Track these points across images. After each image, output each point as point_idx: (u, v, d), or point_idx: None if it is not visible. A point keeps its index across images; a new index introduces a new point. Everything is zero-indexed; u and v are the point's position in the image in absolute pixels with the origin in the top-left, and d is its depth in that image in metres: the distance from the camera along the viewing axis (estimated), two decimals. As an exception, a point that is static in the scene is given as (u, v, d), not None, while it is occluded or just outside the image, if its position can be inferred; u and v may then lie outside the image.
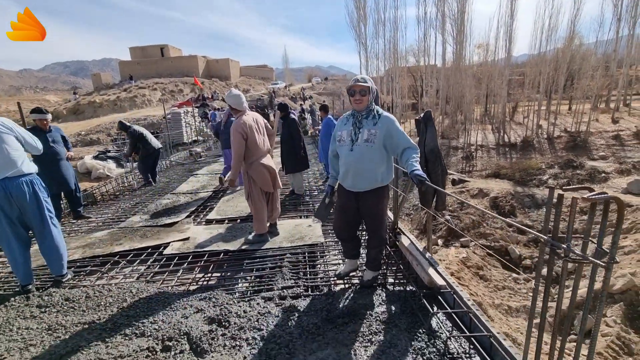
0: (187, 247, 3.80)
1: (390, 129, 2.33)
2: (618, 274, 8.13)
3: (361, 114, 2.42)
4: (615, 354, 6.58)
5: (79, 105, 28.65)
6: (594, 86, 23.26)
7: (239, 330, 2.24)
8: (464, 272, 9.62)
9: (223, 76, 45.37)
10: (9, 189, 2.63)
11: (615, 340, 6.73)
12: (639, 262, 8.62)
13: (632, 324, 7.23)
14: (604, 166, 16.41)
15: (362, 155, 2.35)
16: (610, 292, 7.79)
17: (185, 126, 15.25)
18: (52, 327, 2.35)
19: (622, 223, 1.03)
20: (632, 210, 10.86)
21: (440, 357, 1.87)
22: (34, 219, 2.80)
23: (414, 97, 34.71)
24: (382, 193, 2.48)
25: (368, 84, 2.34)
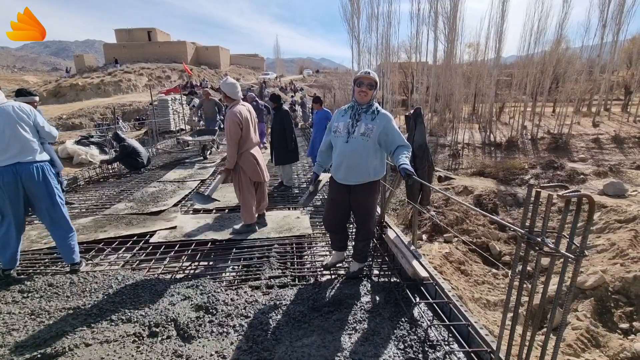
0: (173, 235, 3.79)
1: (387, 127, 2.38)
2: (590, 271, 8.52)
3: (361, 108, 2.45)
4: (584, 346, 6.93)
5: (60, 88, 27.63)
6: (578, 90, 23.96)
7: (226, 317, 2.28)
8: (446, 266, 9.88)
9: (212, 64, 44.44)
10: (20, 173, 2.62)
11: (584, 334, 7.08)
12: (610, 260, 9.04)
13: (601, 318, 7.61)
14: (583, 168, 17.02)
15: (356, 148, 2.40)
16: (582, 288, 8.16)
17: (173, 114, 14.94)
18: (36, 312, 2.32)
19: (592, 219, 1.11)
20: (607, 211, 11.34)
21: (420, 344, 1.96)
22: (44, 205, 2.76)
23: (404, 94, 34.95)
24: (374, 187, 2.54)
25: (376, 79, 2.38)
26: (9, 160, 2.59)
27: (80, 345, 2.00)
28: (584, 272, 8.77)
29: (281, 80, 44.24)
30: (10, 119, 2.62)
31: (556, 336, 1.66)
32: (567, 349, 6.78)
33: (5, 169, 2.58)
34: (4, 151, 2.58)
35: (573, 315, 7.60)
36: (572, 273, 1.16)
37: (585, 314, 7.62)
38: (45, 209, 2.78)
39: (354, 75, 2.47)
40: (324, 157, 2.75)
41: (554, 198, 1.12)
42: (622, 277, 8.01)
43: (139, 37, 42.72)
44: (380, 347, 1.95)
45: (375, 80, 2.37)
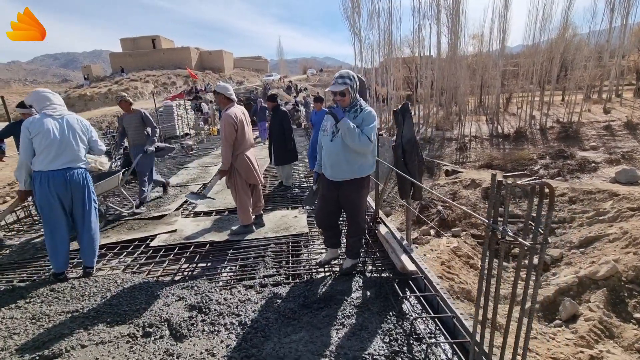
0: (173, 238, 3.86)
1: (365, 120, 2.41)
2: (602, 261, 8.34)
3: (344, 108, 2.50)
4: (597, 338, 6.79)
5: (69, 99, 28.28)
6: (587, 77, 23.37)
7: (218, 316, 2.32)
8: (455, 261, 9.79)
9: (216, 68, 44.87)
10: (68, 177, 2.83)
11: (597, 325, 6.93)
12: (623, 250, 8.82)
13: (615, 308, 7.44)
14: (594, 156, 16.63)
15: (341, 146, 2.44)
16: (594, 279, 7.99)
17: (177, 119, 15.16)
18: (36, 316, 2.41)
19: (554, 206, 1.11)
20: (619, 199, 11.06)
21: (406, 337, 1.96)
22: (81, 207, 2.97)
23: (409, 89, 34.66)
24: (361, 184, 2.56)
25: (343, 87, 2.38)
26: (62, 165, 2.81)
27: (76, 347, 2.07)
28: (595, 262, 8.59)
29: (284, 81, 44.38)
30: (73, 129, 2.90)
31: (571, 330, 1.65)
32: (580, 340, 6.66)
33: (58, 172, 2.79)
34: (59, 156, 2.80)
35: (585, 307, 7.45)
36: (538, 261, 1.16)
37: (598, 304, 7.46)
38: (81, 212, 2.98)
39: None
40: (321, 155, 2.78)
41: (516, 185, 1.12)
42: (636, 266, 7.81)
43: (143, 45, 43.43)
44: (366, 341, 1.96)
45: (343, 88, 2.37)
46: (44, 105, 2.80)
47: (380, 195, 3.36)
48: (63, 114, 2.89)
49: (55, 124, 2.80)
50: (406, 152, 2.94)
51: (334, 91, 2.40)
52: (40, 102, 2.80)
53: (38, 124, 2.72)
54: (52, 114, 2.81)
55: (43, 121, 2.74)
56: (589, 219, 10.82)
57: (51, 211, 2.82)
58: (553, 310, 7.68)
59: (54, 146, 2.76)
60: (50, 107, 2.82)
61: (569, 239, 10.19)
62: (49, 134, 2.74)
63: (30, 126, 2.70)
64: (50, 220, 2.85)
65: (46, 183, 2.76)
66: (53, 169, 2.78)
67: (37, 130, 2.70)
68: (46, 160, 2.75)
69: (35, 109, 2.84)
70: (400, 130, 2.98)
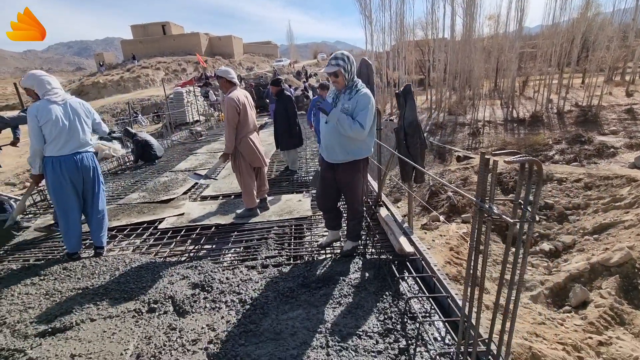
0: (180, 221, 3.96)
1: (358, 103, 2.37)
2: (616, 247, 8.15)
3: (340, 90, 2.47)
4: (607, 324, 6.72)
5: (83, 86, 28.76)
6: (609, 58, 22.27)
7: (219, 294, 2.40)
8: (464, 247, 9.73)
9: (226, 54, 44.63)
10: (78, 161, 2.94)
11: (607, 311, 6.85)
12: (638, 237, 8.59)
13: (627, 295, 7.32)
14: (614, 141, 16.03)
15: (334, 128, 2.41)
16: (607, 265, 7.84)
17: (187, 105, 15.26)
18: (50, 292, 2.54)
19: (542, 183, 1.09)
20: (637, 185, 10.70)
21: (400, 315, 2.00)
22: (91, 189, 3.09)
23: (422, 73, 33.80)
24: (357, 166, 2.54)
25: (335, 68, 2.34)
26: (71, 151, 2.90)
27: (86, 321, 2.18)
28: (609, 249, 8.41)
29: (295, 66, 43.86)
30: (78, 114, 2.96)
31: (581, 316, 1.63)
32: (589, 326, 6.61)
33: (68, 157, 2.89)
34: (68, 143, 2.88)
35: (597, 293, 7.35)
36: (526, 239, 1.15)
37: (609, 291, 7.35)
38: (91, 194, 3.10)
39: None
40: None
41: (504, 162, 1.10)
42: (651, 253, 7.62)
43: (154, 31, 43.46)
44: (361, 319, 2.00)
45: (335, 70, 2.33)
46: (45, 91, 2.82)
47: (383, 178, 3.35)
48: (65, 99, 2.93)
49: (60, 110, 2.84)
50: (408, 135, 2.90)
51: (327, 72, 2.37)
52: (42, 87, 2.83)
53: (45, 111, 2.76)
54: (55, 100, 2.84)
55: (49, 108, 2.78)
56: (604, 205, 10.54)
57: (63, 194, 2.93)
58: (563, 296, 7.61)
59: (63, 134, 2.84)
60: (52, 92, 2.85)
61: (583, 226, 9.97)
62: (58, 122, 2.80)
63: (38, 114, 2.74)
64: (63, 203, 2.96)
65: (58, 167, 2.86)
66: (63, 154, 2.87)
67: (45, 119, 2.75)
68: (57, 147, 2.84)
69: (37, 93, 2.86)
70: (403, 112, 2.94)
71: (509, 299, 1.28)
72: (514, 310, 1.26)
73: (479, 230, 1.21)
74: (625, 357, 5.83)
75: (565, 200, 11.19)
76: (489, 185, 1.20)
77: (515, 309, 1.26)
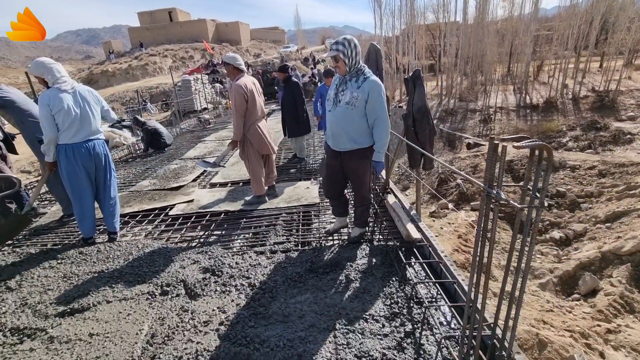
0: (190, 208, 4.03)
1: (371, 94, 2.32)
2: (629, 236, 8.02)
3: (347, 76, 2.40)
4: (616, 312, 6.68)
5: (93, 75, 28.97)
6: (630, 40, 21.33)
7: (229, 278, 2.46)
8: (472, 234, 9.70)
9: (233, 40, 44.25)
10: (90, 148, 3.00)
11: (617, 299, 6.80)
12: (652, 225, 8.42)
13: (638, 284, 7.24)
14: (631, 127, 15.54)
15: (341, 116, 2.39)
16: (618, 253, 7.74)
17: (195, 93, 15.27)
18: (67, 275, 2.64)
19: (551, 168, 1.08)
20: (654, 173, 10.43)
21: (407, 300, 2.02)
22: (103, 176, 3.16)
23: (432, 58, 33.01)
24: (364, 154, 2.51)
25: (335, 53, 2.30)
26: (83, 138, 2.96)
27: (102, 302, 2.27)
28: (621, 237, 8.28)
29: (302, 52, 43.26)
30: (87, 102, 3.00)
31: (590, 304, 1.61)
32: (598, 314, 6.58)
33: (80, 144, 2.95)
34: (79, 131, 2.93)
35: (607, 282, 7.29)
36: (533, 224, 1.15)
37: (620, 279, 7.28)
38: (103, 180, 3.17)
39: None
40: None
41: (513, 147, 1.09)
42: (665, 242, 7.48)
43: (160, 18, 43.22)
44: (368, 303, 2.04)
45: (335, 54, 2.29)
46: (55, 79, 2.85)
47: (391, 165, 3.34)
48: (74, 87, 2.96)
49: (70, 99, 2.88)
50: (416, 121, 2.87)
51: (329, 57, 2.35)
52: (52, 75, 2.85)
53: (57, 100, 2.79)
54: (65, 89, 2.87)
55: (60, 97, 2.81)
56: (618, 193, 10.32)
57: (77, 181, 3.00)
58: (572, 284, 7.57)
59: (75, 122, 2.89)
60: (62, 80, 2.88)
61: (595, 214, 9.81)
62: (70, 111, 2.84)
63: (50, 102, 2.77)
64: (77, 190, 3.03)
65: (71, 155, 2.92)
66: (76, 142, 2.93)
67: (57, 107, 2.79)
68: (69, 135, 2.89)
69: (47, 81, 2.88)
70: (411, 98, 2.89)
71: (515, 284, 1.29)
72: (520, 296, 1.26)
73: (486, 217, 1.20)
74: (634, 344, 5.81)
75: (577, 188, 10.98)
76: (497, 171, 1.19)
77: (521, 295, 1.26)
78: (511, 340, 1.36)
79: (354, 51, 2.30)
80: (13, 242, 3.39)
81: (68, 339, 1.96)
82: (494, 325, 1.47)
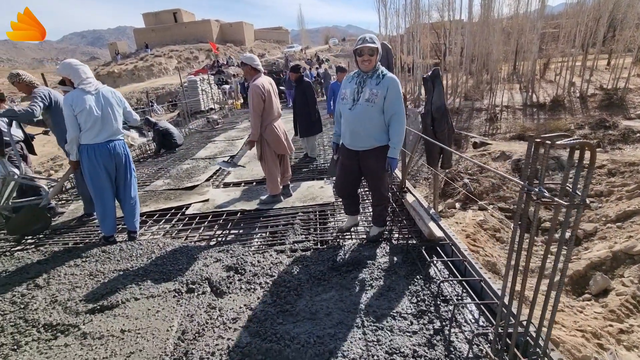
0: (206, 207, 4.08)
1: (390, 90, 2.35)
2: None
3: (367, 74, 2.44)
4: (628, 312, 6.64)
5: (99, 77, 29.20)
6: (638, 37, 21.11)
7: (253, 276, 2.50)
8: (480, 234, 9.66)
9: (237, 41, 44.39)
10: (111, 148, 3.05)
11: (629, 300, 6.75)
12: (665, 225, 8.35)
13: (650, 284, 7.18)
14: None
15: (361, 114, 2.41)
16: (630, 253, 7.68)
17: (202, 94, 15.36)
18: (93, 273, 2.69)
19: (594, 167, 1.10)
20: (665, 172, 10.33)
21: (433, 298, 2.04)
22: (123, 176, 3.21)
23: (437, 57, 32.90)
24: (382, 153, 2.52)
25: (376, 45, 2.33)
26: (105, 139, 3.01)
27: (130, 299, 2.31)
28: (633, 237, 8.21)
29: (306, 52, 43.27)
30: (110, 104, 3.05)
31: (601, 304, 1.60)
32: (610, 314, 6.54)
33: (102, 145, 3.00)
34: (101, 132, 2.98)
35: (619, 281, 7.24)
36: (574, 222, 1.16)
37: (632, 279, 7.23)
38: (123, 181, 3.23)
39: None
40: (339, 126, 2.77)
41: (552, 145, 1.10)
42: (678, 241, 7.41)
43: (165, 19, 43.47)
44: (394, 301, 2.06)
45: (376, 46, 2.32)
46: (81, 80, 2.91)
47: (408, 164, 3.35)
48: (98, 88, 3.02)
49: (93, 100, 2.93)
50: (435, 120, 2.88)
51: (364, 49, 2.31)
52: (77, 76, 2.91)
53: (80, 101, 2.85)
54: (89, 90, 2.93)
55: (84, 98, 2.87)
56: (629, 192, 10.23)
57: (99, 181, 3.05)
58: (583, 284, 7.52)
59: (97, 123, 2.94)
60: (87, 81, 2.94)
61: (605, 213, 9.74)
62: (92, 112, 2.89)
63: (72, 103, 2.83)
64: (99, 189, 3.08)
65: (93, 155, 2.98)
66: (98, 142, 2.98)
67: (80, 108, 2.85)
68: (91, 136, 2.95)
69: (73, 82, 2.94)
70: (430, 97, 2.91)
71: (551, 283, 1.31)
72: (557, 294, 1.28)
73: (524, 215, 1.22)
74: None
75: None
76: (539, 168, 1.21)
77: (558, 293, 1.28)
78: (547, 337, 1.38)
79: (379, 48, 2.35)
80: (35, 241, 3.46)
81: (101, 335, 2.00)
82: (527, 323, 1.48)
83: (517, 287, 1.37)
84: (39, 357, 1.89)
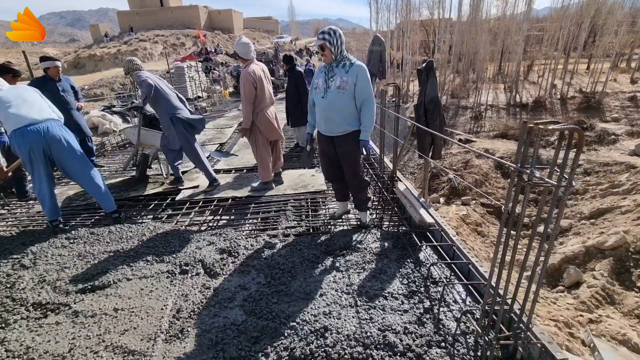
0: (197, 193, 4.04)
1: (359, 77, 2.45)
2: (612, 231, 8.40)
3: (333, 64, 2.52)
4: (597, 303, 7.03)
5: (80, 59, 28.05)
6: (617, 43, 21.95)
7: (247, 258, 2.52)
8: (463, 228, 9.96)
9: (226, 28, 43.41)
10: (43, 131, 2.88)
11: (599, 292, 7.14)
12: (634, 222, 8.83)
13: (619, 277, 7.61)
14: (615, 128, 16.09)
15: (333, 101, 2.50)
16: (601, 248, 8.09)
17: (189, 81, 15.02)
18: (82, 254, 2.64)
19: (582, 151, 1.17)
20: (636, 172, 10.88)
21: (423, 280, 2.13)
22: (70, 160, 3.02)
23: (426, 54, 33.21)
24: (356, 137, 2.61)
25: (321, 42, 2.41)
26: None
27: (122, 280, 2.30)
28: (604, 232, 8.66)
29: (296, 43, 42.82)
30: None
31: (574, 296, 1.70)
32: (581, 305, 6.91)
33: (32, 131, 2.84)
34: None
35: (590, 275, 7.64)
36: (560, 203, 1.25)
37: (602, 273, 7.63)
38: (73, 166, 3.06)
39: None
40: (314, 116, 2.81)
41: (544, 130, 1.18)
42: (645, 237, 7.86)
43: (151, 3, 41.94)
44: (386, 282, 2.14)
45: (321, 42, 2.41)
46: None
47: (399, 153, 3.42)
48: None
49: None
50: (428, 112, 2.96)
51: (317, 46, 2.44)
52: None
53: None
54: None
55: None
56: (602, 191, 10.74)
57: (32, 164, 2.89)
58: (557, 277, 7.89)
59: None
60: None
61: (580, 210, 10.21)
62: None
63: None
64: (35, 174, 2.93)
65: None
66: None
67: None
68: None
69: None
70: (424, 88, 2.98)
71: (536, 262, 1.39)
72: (542, 272, 1.37)
73: (515, 197, 1.29)
74: (614, 334, 6.14)
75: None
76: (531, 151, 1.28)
77: (543, 271, 1.37)
78: (530, 313, 1.47)
79: (338, 40, 2.44)
80: (20, 223, 3.36)
81: (93, 314, 1.99)
82: (512, 301, 1.58)
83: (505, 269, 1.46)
84: (29, 335, 1.86)
